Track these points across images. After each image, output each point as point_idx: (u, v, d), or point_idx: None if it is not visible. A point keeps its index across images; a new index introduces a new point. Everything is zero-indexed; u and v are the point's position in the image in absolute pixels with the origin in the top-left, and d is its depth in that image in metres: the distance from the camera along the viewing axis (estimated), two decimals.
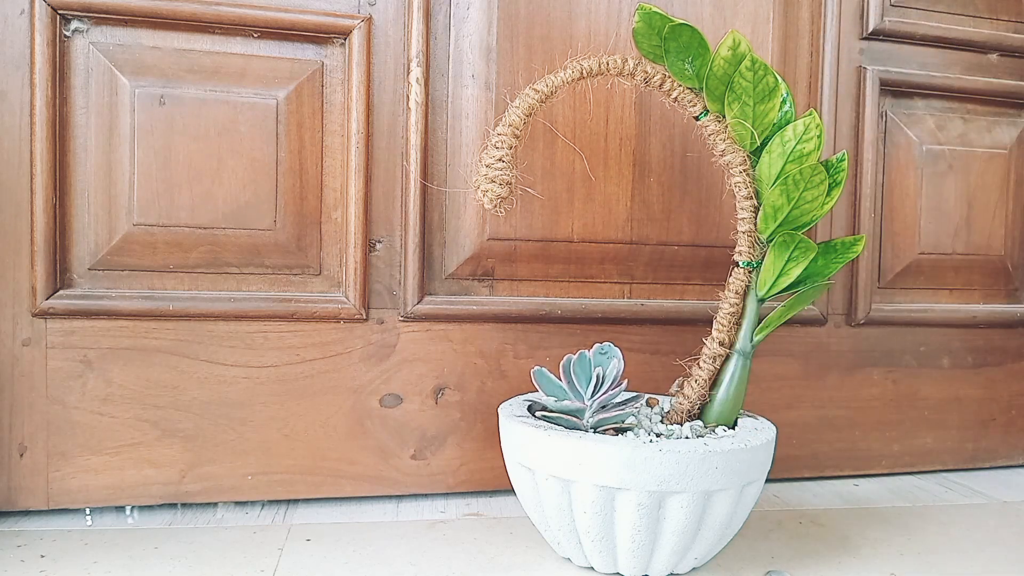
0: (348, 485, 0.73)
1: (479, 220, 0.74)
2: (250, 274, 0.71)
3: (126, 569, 0.58)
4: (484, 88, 0.73)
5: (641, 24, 0.59)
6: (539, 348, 0.77)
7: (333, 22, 0.69)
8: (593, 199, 0.76)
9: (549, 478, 0.55)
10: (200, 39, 0.68)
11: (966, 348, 0.91)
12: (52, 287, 0.65)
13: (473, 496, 0.77)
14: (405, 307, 0.73)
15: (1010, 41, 0.88)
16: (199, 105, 0.68)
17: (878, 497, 0.82)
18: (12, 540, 0.63)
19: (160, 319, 0.68)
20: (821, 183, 0.58)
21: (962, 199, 0.89)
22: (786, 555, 0.65)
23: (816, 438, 0.86)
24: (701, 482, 0.53)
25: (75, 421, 0.67)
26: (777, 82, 0.59)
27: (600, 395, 0.59)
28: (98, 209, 0.67)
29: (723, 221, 0.79)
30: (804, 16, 0.82)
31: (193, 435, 0.69)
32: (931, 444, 0.90)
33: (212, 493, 0.70)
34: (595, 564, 0.58)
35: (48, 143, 0.64)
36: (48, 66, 0.64)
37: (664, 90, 0.60)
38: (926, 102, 0.88)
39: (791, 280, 0.61)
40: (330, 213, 0.72)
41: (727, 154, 0.61)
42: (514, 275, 0.76)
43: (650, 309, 0.78)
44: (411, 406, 0.74)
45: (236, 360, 0.70)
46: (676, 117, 0.77)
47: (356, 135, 0.70)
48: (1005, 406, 0.93)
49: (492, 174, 0.57)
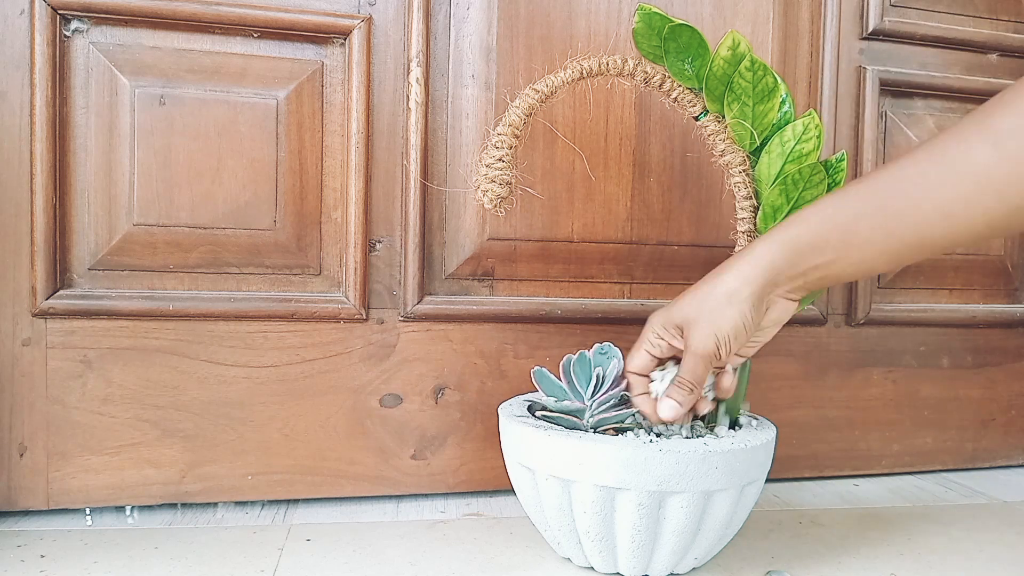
0: (348, 485, 0.73)
1: (479, 220, 0.74)
2: (250, 274, 0.71)
3: (126, 569, 0.58)
4: (484, 88, 0.73)
5: (641, 24, 0.59)
6: (539, 348, 0.77)
7: (333, 22, 0.69)
8: (593, 199, 0.76)
9: (549, 478, 0.55)
10: (200, 39, 0.68)
11: (966, 348, 0.91)
12: (52, 287, 0.65)
13: (473, 496, 0.77)
14: (405, 307, 0.73)
15: (1010, 41, 0.88)
16: (199, 105, 0.68)
17: (878, 497, 0.82)
18: (12, 540, 0.63)
19: (160, 319, 0.68)
20: (820, 183, 0.58)
21: None
22: (786, 555, 0.65)
23: (816, 438, 0.86)
24: (701, 482, 0.53)
25: (75, 421, 0.67)
26: (776, 82, 0.59)
27: (600, 395, 0.59)
28: (98, 209, 0.67)
29: (723, 221, 0.79)
30: (804, 16, 0.82)
31: (193, 435, 0.69)
32: (931, 444, 0.90)
33: (212, 493, 0.70)
34: (595, 564, 0.58)
35: (48, 143, 0.64)
36: (48, 66, 0.64)
37: (664, 90, 0.61)
38: (926, 102, 0.88)
39: None
40: (330, 213, 0.72)
41: (727, 154, 0.61)
42: (514, 275, 0.76)
43: (650, 309, 0.78)
44: (411, 406, 0.74)
45: (236, 360, 0.70)
46: (676, 117, 0.77)
47: (356, 135, 0.70)
48: (1005, 406, 0.93)
49: (492, 174, 0.57)
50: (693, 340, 0.54)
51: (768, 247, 0.52)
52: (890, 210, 0.48)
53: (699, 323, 0.53)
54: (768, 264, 0.52)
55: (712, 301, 0.53)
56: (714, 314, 0.53)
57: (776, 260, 0.52)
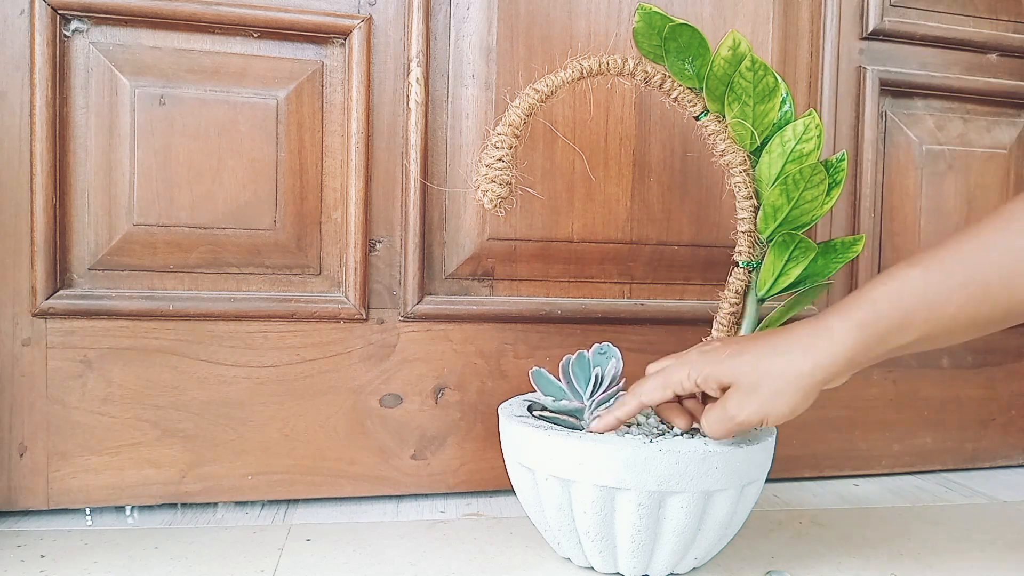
0: (348, 485, 0.73)
1: (479, 220, 0.74)
2: (250, 274, 0.71)
3: (126, 569, 0.58)
4: (484, 88, 0.73)
5: (641, 24, 0.59)
6: (539, 348, 0.77)
7: (333, 22, 0.69)
8: (593, 199, 0.76)
9: (549, 478, 0.55)
10: (200, 39, 0.68)
11: (966, 348, 0.91)
12: (52, 287, 0.65)
13: (473, 496, 0.77)
14: (405, 307, 0.73)
15: (1010, 41, 0.88)
16: (199, 105, 0.68)
17: (878, 497, 0.82)
18: (12, 540, 0.63)
19: (160, 319, 0.68)
20: (821, 183, 0.58)
21: (962, 199, 0.89)
22: (786, 555, 0.65)
23: (816, 438, 0.86)
24: (701, 482, 0.53)
25: (75, 421, 0.67)
26: (777, 82, 0.59)
27: (599, 395, 0.59)
28: (98, 209, 0.67)
29: (723, 221, 0.79)
30: (804, 16, 0.82)
31: (193, 435, 0.69)
32: (931, 444, 0.90)
33: (212, 493, 0.70)
34: (595, 564, 0.58)
35: (48, 143, 0.64)
36: (48, 66, 0.64)
37: (664, 90, 0.61)
38: (926, 102, 0.88)
39: (791, 280, 0.61)
40: (330, 213, 0.72)
41: (727, 154, 0.61)
42: (514, 275, 0.76)
43: (650, 309, 0.78)
44: (411, 406, 0.74)
45: (236, 360, 0.70)
46: (676, 117, 0.77)
47: (356, 135, 0.70)
48: (1005, 406, 0.93)
49: (492, 174, 0.57)
50: (737, 408, 0.50)
51: (847, 331, 0.48)
52: (980, 284, 0.46)
53: (752, 395, 0.49)
54: (848, 354, 0.48)
55: (775, 379, 0.49)
56: (773, 394, 0.49)
57: (856, 347, 0.48)
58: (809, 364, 0.48)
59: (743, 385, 0.50)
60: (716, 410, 0.51)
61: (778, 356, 0.49)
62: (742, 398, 0.50)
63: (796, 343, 0.49)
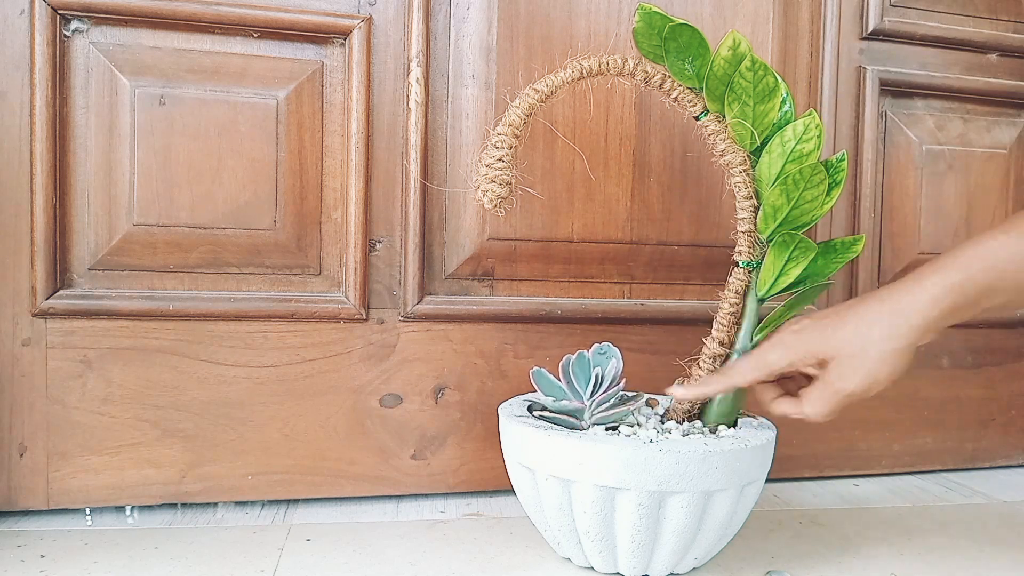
0: (348, 485, 0.73)
1: (479, 220, 0.74)
2: (250, 274, 0.71)
3: (126, 569, 0.58)
4: (484, 88, 0.73)
5: (641, 24, 0.59)
6: (539, 348, 0.77)
7: (333, 22, 0.69)
8: (593, 199, 0.76)
9: (549, 478, 0.55)
10: (200, 39, 0.68)
11: (966, 348, 0.91)
12: (52, 287, 0.65)
13: (473, 496, 0.77)
14: (405, 307, 0.73)
15: (1010, 41, 0.88)
16: (199, 105, 0.68)
17: (878, 497, 0.82)
18: (12, 540, 0.63)
19: (160, 319, 0.68)
20: (821, 183, 0.58)
21: (962, 199, 0.89)
22: (786, 555, 0.65)
23: (816, 438, 0.86)
24: (701, 482, 0.53)
25: (75, 421, 0.67)
26: (777, 82, 0.59)
27: (599, 395, 0.59)
28: (98, 209, 0.67)
29: (723, 221, 0.79)
30: (804, 16, 0.82)
31: (193, 435, 0.69)
32: (931, 444, 0.90)
33: (212, 493, 0.70)
34: (595, 564, 0.58)
35: (48, 143, 0.64)
36: (48, 66, 0.64)
37: (664, 90, 0.60)
38: (926, 102, 0.88)
39: (791, 280, 0.61)
40: (330, 213, 0.72)
41: (727, 154, 0.61)
42: (514, 275, 0.76)
43: (650, 309, 0.78)
44: (411, 406, 0.74)
45: (236, 360, 0.70)
46: (676, 117, 0.77)
47: (356, 135, 0.70)
48: (1005, 406, 0.93)
49: (492, 174, 0.57)
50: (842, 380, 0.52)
51: (941, 295, 0.50)
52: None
53: (856, 366, 0.52)
54: (941, 316, 0.50)
55: (877, 346, 0.51)
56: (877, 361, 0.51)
57: (950, 308, 0.50)
58: (905, 328, 0.51)
59: (844, 357, 0.52)
60: (818, 387, 0.53)
61: (876, 324, 0.51)
62: (844, 370, 0.52)
63: (893, 307, 0.51)
